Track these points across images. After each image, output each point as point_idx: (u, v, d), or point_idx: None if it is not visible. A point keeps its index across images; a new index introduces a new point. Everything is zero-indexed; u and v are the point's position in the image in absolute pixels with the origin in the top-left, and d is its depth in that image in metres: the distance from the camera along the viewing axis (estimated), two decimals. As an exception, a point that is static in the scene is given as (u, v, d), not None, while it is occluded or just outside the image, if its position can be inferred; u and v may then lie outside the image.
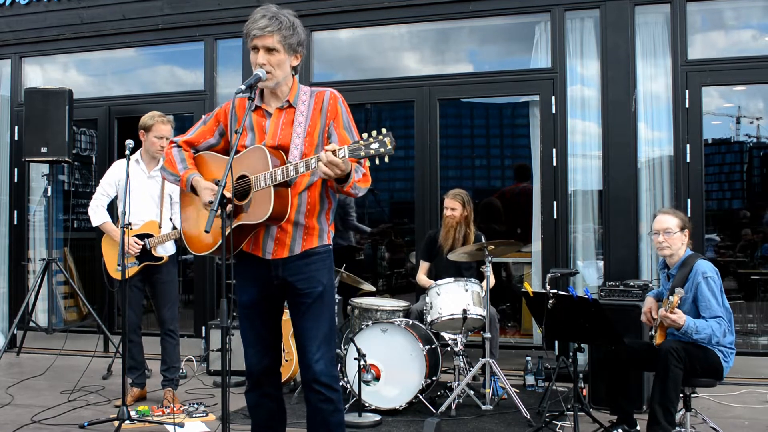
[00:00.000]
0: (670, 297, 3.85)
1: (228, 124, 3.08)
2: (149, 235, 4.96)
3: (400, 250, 9.46)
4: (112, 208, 5.26)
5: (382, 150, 2.58)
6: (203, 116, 3.24)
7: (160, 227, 5.00)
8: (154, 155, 5.01)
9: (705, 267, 4.02)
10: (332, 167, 2.63)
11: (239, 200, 2.91)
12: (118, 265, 4.76)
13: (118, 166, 5.07)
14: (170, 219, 5.09)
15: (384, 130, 2.60)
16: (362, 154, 2.59)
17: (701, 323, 3.87)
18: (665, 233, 4.14)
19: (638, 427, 4.15)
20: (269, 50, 2.88)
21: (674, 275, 4.12)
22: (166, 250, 5.01)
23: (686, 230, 4.17)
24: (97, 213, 5.08)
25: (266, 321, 3.08)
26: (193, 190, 3.02)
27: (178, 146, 3.14)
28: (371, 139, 2.60)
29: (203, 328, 6.52)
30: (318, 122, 2.95)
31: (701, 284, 3.95)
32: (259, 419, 3.16)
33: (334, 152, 2.62)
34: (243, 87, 2.85)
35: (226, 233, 2.80)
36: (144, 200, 5.00)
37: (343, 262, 5.52)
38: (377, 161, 2.64)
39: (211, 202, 2.81)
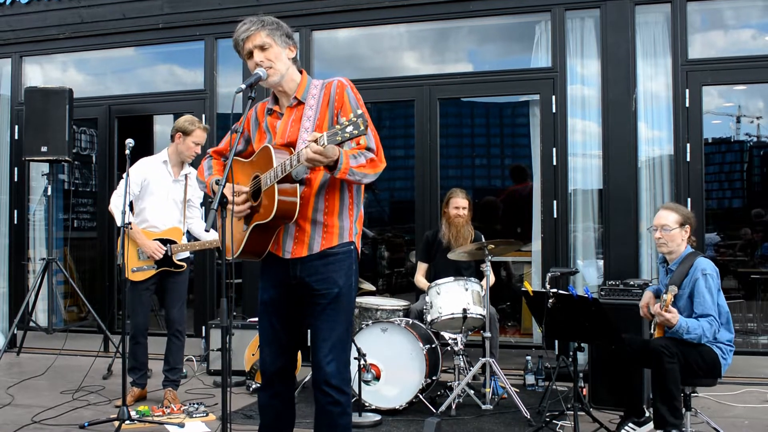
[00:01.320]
0: (664, 295, 3.85)
1: (251, 129, 3.12)
2: (172, 242, 4.93)
3: (400, 250, 9.47)
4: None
5: (356, 132, 2.58)
6: (234, 125, 3.27)
7: (183, 234, 4.99)
8: (184, 159, 4.99)
9: (705, 264, 4.00)
10: (315, 155, 2.62)
11: (254, 200, 2.92)
12: (125, 266, 4.74)
13: (143, 165, 4.96)
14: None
15: (359, 112, 2.60)
16: (339, 138, 2.58)
17: (693, 323, 3.86)
18: (663, 230, 4.12)
19: (648, 414, 4.12)
20: (262, 48, 2.92)
21: (673, 271, 4.11)
22: (185, 254, 5.02)
23: (687, 227, 4.12)
24: (121, 212, 5.01)
25: (284, 322, 3.05)
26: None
27: (210, 156, 3.26)
28: (346, 122, 2.60)
29: (203, 328, 6.52)
30: (326, 114, 2.93)
31: (699, 280, 3.94)
32: (266, 419, 3.15)
33: (315, 141, 2.61)
34: (243, 86, 2.86)
35: (226, 233, 2.81)
36: (167, 204, 4.97)
37: None
38: None
39: (211, 202, 2.83)
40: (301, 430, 3.74)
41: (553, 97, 6.07)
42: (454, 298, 4.94)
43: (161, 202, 4.94)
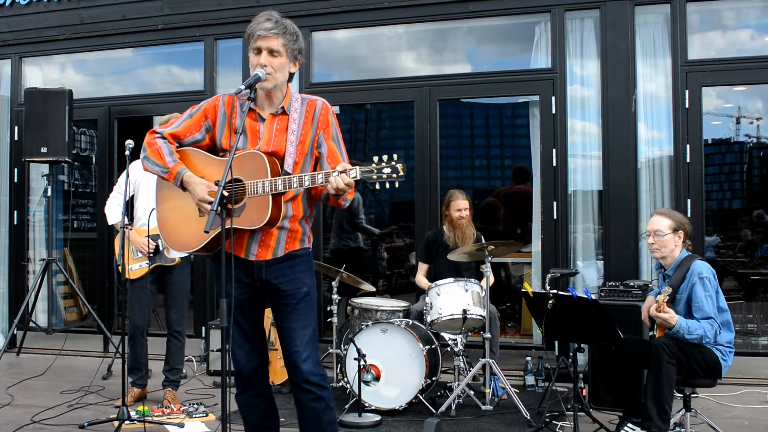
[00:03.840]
0: (658, 296, 3.86)
1: (216, 121, 3.07)
2: None
3: (399, 251, 9.47)
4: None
5: (394, 175, 2.65)
6: (189, 109, 3.16)
7: None
8: None
9: (701, 268, 4.00)
10: (346, 187, 2.71)
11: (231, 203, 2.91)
12: (118, 264, 4.74)
13: (132, 167, 4.96)
14: None
15: (395, 156, 2.66)
16: (374, 177, 2.66)
17: (693, 323, 3.87)
18: (656, 235, 4.12)
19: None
20: (272, 52, 2.92)
21: (670, 276, 4.11)
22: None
23: (680, 232, 4.11)
24: (114, 212, 4.99)
25: (251, 321, 3.10)
26: (182, 185, 3.00)
27: (163, 138, 3.08)
28: (383, 164, 2.66)
29: (203, 328, 6.52)
30: (309, 131, 3.00)
31: (696, 285, 3.94)
32: (253, 419, 3.17)
33: (345, 171, 2.67)
34: (243, 87, 2.87)
35: (227, 234, 2.81)
36: None
37: (350, 263, 5.54)
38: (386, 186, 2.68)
39: (210, 202, 2.83)
40: (290, 429, 3.75)
41: (553, 97, 6.07)
42: (454, 299, 4.95)
43: (151, 199, 4.94)
